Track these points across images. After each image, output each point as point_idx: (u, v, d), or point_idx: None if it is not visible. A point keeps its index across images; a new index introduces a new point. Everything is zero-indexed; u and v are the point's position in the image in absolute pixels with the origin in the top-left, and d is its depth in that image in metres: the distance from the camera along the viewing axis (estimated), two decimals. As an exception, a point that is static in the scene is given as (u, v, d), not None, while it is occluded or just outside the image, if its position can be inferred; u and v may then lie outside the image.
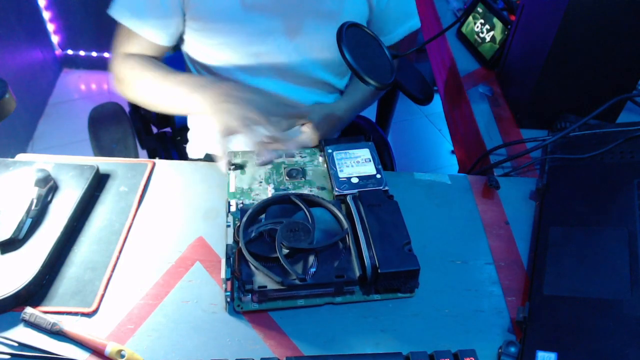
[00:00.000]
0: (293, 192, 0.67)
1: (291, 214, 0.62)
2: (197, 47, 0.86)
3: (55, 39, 2.17)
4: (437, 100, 1.19)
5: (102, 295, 0.57)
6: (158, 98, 0.80)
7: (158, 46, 0.83)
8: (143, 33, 0.80)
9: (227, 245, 0.58)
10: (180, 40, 0.87)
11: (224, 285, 0.56)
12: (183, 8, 0.80)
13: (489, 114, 0.92)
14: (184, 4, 0.80)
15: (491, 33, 1.03)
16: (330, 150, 0.71)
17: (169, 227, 0.66)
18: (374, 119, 1.31)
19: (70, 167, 0.68)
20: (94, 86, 2.24)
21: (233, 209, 0.64)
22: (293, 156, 0.73)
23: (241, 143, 0.68)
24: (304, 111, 0.77)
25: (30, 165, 0.66)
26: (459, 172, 1.03)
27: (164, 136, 1.19)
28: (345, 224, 0.61)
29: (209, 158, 0.99)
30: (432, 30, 1.27)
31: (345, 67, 0.62)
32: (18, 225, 0.59)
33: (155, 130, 1.17)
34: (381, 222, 0.60)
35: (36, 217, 0.61)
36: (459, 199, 0.73)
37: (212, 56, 0.85)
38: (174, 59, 0.94)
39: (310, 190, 0.69)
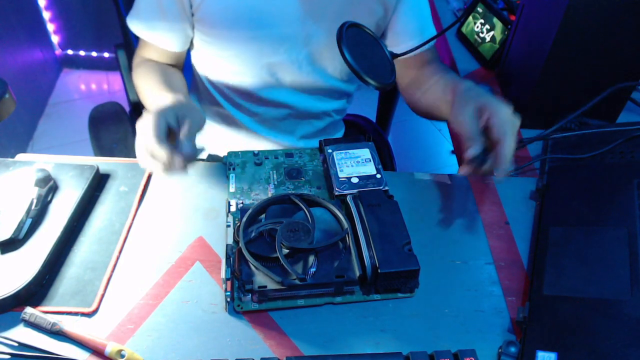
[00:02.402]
0: (293, 192, 0.67)
1: (291, 214, 0.62)
2: (209, 60, 0.87)
3: (55, 39, 2.17)
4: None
5: (102, 295, 0.57)
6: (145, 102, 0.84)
7: (171, 52, 0.86)
8: (154, 41, 0.84)
9: (227, 245, 0.58)
10: (190, 50, 0.89)
11: (224, 285, 0.56)
12: (191, 19, 0.82)
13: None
14: (193, 15, 0.81)
15: (491, 33, 1.03)
16: (330, 150, 0.71)
17: (169, 227, 0.66)
18: (374, 119, 1.31)
19: (70, 167, 0.68)
20: (94, 86, 2.23)
21: (233, 209, 0.64)
22: (292, 156, 0.73)
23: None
24: None
25: (30, 165, 0.66)
26: (458, 172, 1.03)
27: (164, 136, 1.18)
28: (345, 224, 0.61)
29: (210, 158, 0.99)
30: (432, 30, 1.27)
31: None
32: (18, 225, 0.59)
33: (155, 130, 1.17)
34: (381, 222, 0.60)
35: (36, 217, 0.61)
36: (459, 199, 0.73)
37: (224, 68, 0.86)
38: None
39: (310, 190, 0.69)
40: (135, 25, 0.84)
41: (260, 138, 0.96)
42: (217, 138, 0.98)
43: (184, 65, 0.93)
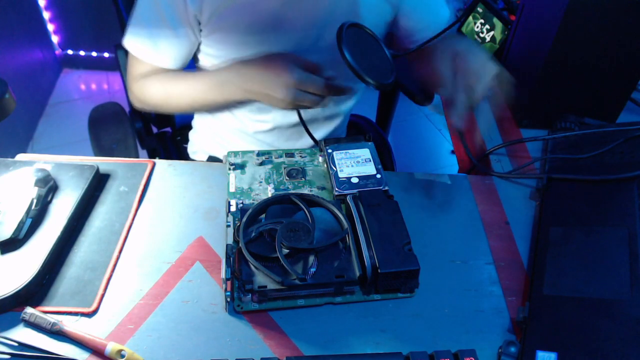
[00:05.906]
0: (293, 192, 0.67)
1: (291, 214, 0.62)
2: (213, 65, 0.84)
3: (55, 39, 2.17)
4: (437, 100, 1.19)
5: (102, 295, 0.57)
6: (197, 107, 0.84)
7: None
8: (157, 62, 0.81)
9: (227, 245, 0.58)
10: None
11: (224, 285, 0.56)
12: (197, 34, 0.79)
13: (489, 114, 0.92)
14: (200, 31, 0.78)
15: (491, 33, 1.03)
16: (330, 150, 0.71)
17: (169, 227, 0.66)
18: (374, 119, 1.31)
19: (70, 167, 0.68)
20: (94, 86, 2.24)
21: (233, 209, 0.64)
22: (292, 156, 0.73)
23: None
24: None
25: (30, 165, 0.66)
26: (459, 172, 1.03)
27: (164, 136, 1.19)
28: (345, 224, 0.61)
29: (211, 160, 0.99)
30: (432, 30, 1.27)
31: None
32: (18, 225, 0.59)
33: (155, 130, 1.17)
34: (381, 222, 0.60)
35: (36, 217, 0.61)
36: (459, 199, 0.73)
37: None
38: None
39: (310, 190, 0.69)
40: (135, 48, 0.80)
41: (269, 147, 0.93)
42: (221, 144, 0.97)
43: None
